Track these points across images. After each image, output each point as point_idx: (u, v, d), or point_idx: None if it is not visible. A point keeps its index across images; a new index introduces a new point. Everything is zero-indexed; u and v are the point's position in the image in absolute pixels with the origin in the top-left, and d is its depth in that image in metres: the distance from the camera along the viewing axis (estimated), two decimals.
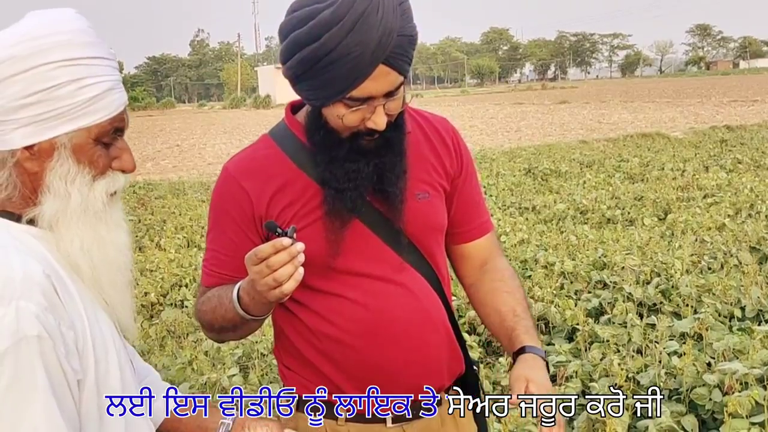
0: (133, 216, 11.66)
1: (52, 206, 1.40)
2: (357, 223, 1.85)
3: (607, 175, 13.66)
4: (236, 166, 1.95)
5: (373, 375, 1.89)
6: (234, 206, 1.90)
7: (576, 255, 7.28)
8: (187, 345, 5.72)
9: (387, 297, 1.87)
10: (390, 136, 1.82)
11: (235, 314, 1.77)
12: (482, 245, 2.10)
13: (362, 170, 1.80)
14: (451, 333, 2.00)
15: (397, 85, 1.74)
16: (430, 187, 1.95)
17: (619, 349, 4.76)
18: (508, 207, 10.94)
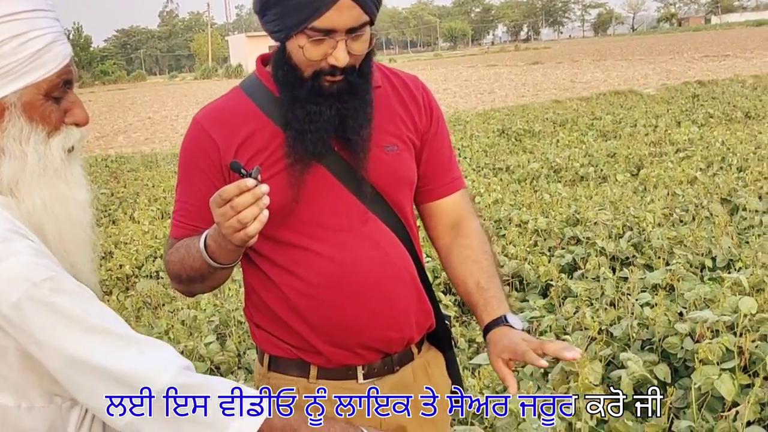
0: (106, 189, 11.62)
1: (9, 169, 1.37)
2: (323, 173, 1.84)
3: (581, 133, 13.71)
4: (205, 117, 1.94)
5: (341, 328, 1.89)
6: (202, 156, 1.89)
7: (549, 213, 7.31)
8: (163, 315, 5.71)
9: (354, 249, 1.86)
10: (354, 82, 1.80)
11: (203, 263, 1.76)
12: (452, 203, 2.09)
13: (324, 113, 1.78)
14: (420, 286, 1.99)
15: (361, 22, 1.73)
16: (399, 140, 1.94)
17: (592, 302, 4.80)
18: (482, 168, 10.95)
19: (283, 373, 1.96)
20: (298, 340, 1.92)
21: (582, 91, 24.10)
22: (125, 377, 1.27)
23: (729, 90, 19.09)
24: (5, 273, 1.25)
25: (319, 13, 1.68)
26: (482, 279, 2.00)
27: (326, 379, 1.93)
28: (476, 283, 2.00)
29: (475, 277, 2.01)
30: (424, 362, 2.05)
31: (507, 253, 5.99)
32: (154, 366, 1.30)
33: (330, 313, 1.87)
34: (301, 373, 1.94)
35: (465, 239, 2.07)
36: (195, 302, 5.85)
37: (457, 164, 2.14)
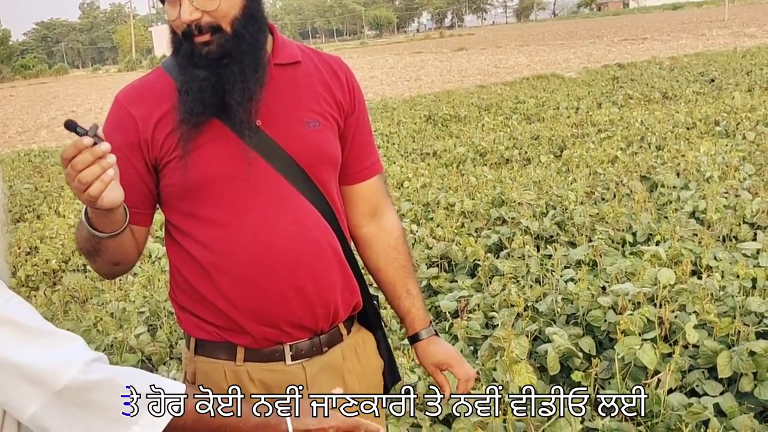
0: (29, 183, 11.36)
1: None
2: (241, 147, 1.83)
3: (505, 117, 13.91)
4: (126, 95, 1.94)
5: (265, 305, 1.88)
6: (121, 132, 1.85)
7: (475, 195, 7.41)
8: (91, 308, 5.64)
9: (275, 224, 1.85)
10: (224, 44, 1.79)
11: (89, 233, 1.74)
12: (372, 187, 2.11)
13: (199, 75, 1.79)
14: (345, 263, 1.99)
15: None
16: (322, 117, 1.93)
17: (518, 280, 4.89)
18: (410, 153, 11.04)
19: (210, 356, 1.94)
20: (223, 320, 1.91)
21: (506, 76, 24.39)
22: (30, 370, 1.25)
23: (647, 72, 19.55)
24: None
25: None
26: (410, 285, 2.14)
27: (254, 361, 1.92)
28: (406, 290, 2.13)
29: (404, 282, 2.13)
30: (354, 343, 2.06)
31: (435, 235, 6.06)
32: (62, 360, 1.27)
33: (253, 289, 1.86)
34: (228, 356, 1.92)
35: (389, 237, 2.13)
36: (124, 294, 5.79)
37: (376, 148, 2.17)
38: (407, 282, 2.14)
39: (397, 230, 2.15)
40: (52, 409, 1.26)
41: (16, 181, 11.83)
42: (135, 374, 1.36)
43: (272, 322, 1.90)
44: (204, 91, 1.79)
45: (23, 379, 1.24)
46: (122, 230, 1.77)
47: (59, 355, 1.27)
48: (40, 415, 1.26)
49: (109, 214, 1.68)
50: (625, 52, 29.73)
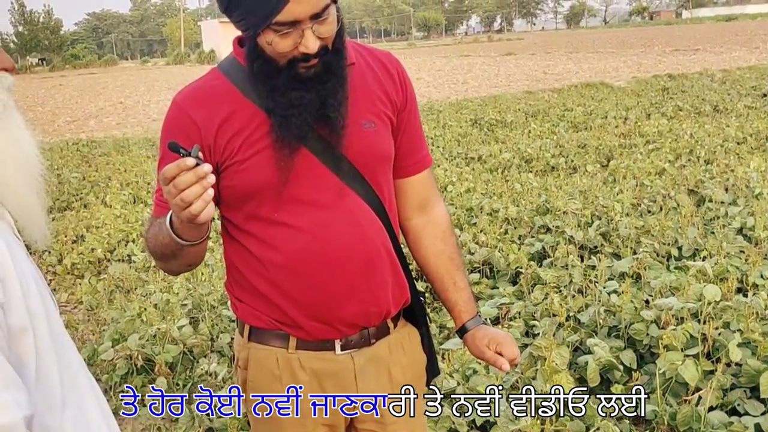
0: (77, 173, 11.52)
1: None
2: (303, 151, 1.86)
3: (552, 124, 13.81)
4: (185, 98, 1.96)
5: (320, 303, 1.94)
6: (182, 137, 1.87)
7: (520, 202, 7.39)
8: (135, 298, 5.73)
9: (332, 224, 1.90)
10: (329, 62, 1.82)
11: (171, 240, 1.78)
12: (421, 181, 2.14)
13: (305, 97, 1.81)
14: (396, 261, 2.04)
15: (322, 6, 1.73)
16: (377, 117, 1.97)
17: (560, 289, 4.88)
18: (454, 157, 11.01)
19: (263, 343, 2.01)
20: (278, 314, 1.97)
21: (554, 82, 24.23)
22: None
23: (698, 84, 19.29)
24: None
25: (279, 8, 1.70)
26: (458, 277, 2.16)
27: (305, 349, 1.99)
28: (453, 282, 2.16)
29: (452, 275, 2.16)
30: (400, 337, 2.11)
31: (478, 240, 6.05)
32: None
33: (309, 287, 1.92)
34: (281, 343, 2.00)
35: (437, 229, 2.16)
36: (168, 286, 5.86)
37: (425, 141, 2.19)
38: (455, 274, 2.17)
39: (445, 222, 2.19)
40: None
41: (64, 169, 11.98)
42: None
43: (325, 319, 1.96)
44: (309, 113, 1.82)
45: None
46: (206, 238, 1.82)
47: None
48: None
49: (199, 226, 1.72)
50: (676, 63, 29.38)
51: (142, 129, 18.98)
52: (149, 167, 11.54)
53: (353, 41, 2.01)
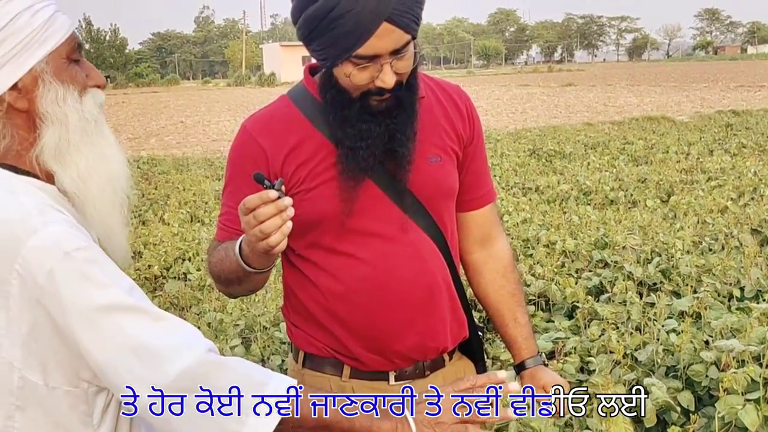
0: (137, 190, 11.67)
1: (53, 135, 1.44)
2: (368, 183, 1.87)
3: (612, 157, 13.66)
4: (254, 124, 1.99)
5: (377, 334, 1.94)
6: (250, 163, 1.92)
7: (578, 234, 7.29)
8: (190, 317, 5.77)
9: (394, 257, 1.90)
10: (402, 97, 1.83)
11: (238, 266, 1.79)
12: (484, 215, 2.14)
13: (374, 130, 1.82)
14: (455, 296, 2.04)
15: (403, 43, 1.76)
16: (443, 151, 1.97)
17: (618, 326, 4.79)
18: (511, 187, 10.95)
19: (317, 370, 2.02)
20: (334, 343, 1.97)
21: (614, 114, 24.02)
22: (150, 352, 1.31)
23: (763, 121, 18.94)
24: (40, 243, 1.30)
25: (361, 42, 1.72)
26: (519, 313, 2.15)
27: (358, 379, 1.99)
28: (514, 318, 2.15)
29: (512, 311, 2.15)
30: (455, 370, 2.10)
31: (534, 272, 5.99)
32: (180, 344, 1.34)
33: (367, 318, 1.93)
34: (335, 371, 2.00)
35: (498, 264, 2.16)
36: (221, 305, 5.90)
37: (490, 176, 2.19)
38: (515, 310, 2.15)
39: (507, 258, 2.18)
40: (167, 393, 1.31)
41: None
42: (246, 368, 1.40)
43: (381, 350, 1.97)
44: (377, 146, 1.83)
45: (141, 359, 1.31)
46: (273, 265, 1.83)
47: (179, 339, 1.34)
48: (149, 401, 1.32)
49: (270, 256, 1.72)
50: (740, 99, 28.93)
51: (202, 149, 19.23)
52: (207, 187, 11.68)
53: (423, 73, 2.00)
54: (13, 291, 1.31)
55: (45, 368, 1.35)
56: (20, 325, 1.32)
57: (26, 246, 1.29)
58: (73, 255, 1.30)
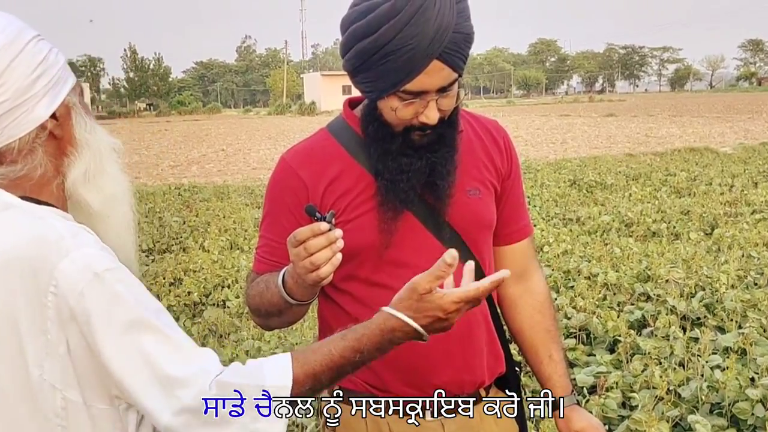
0: (178, 217, 11.80)
1: (85, 160, 1.54)
2: (407, 215, 1.88)
3: (654, 188, 13.52)
4: (294, 157, 2.00)
5: (414, 367, 1.93)
6: (290, 195, 1.95)
7: (620, 267, 7.20)
8: (228, 344, 5.78)
9: None
10: (443, 132, 1.85)
11: (280, 298, 1.79)
12: (521, 250, 2.14)
13: (414, 164, 1.83)
14: (493, 330, 2.04)
15: (450, 81, 1.78)
16: (481, 184, 1.99)
17: (660, 361, 4.72)
18: (552, 218, 10.87)
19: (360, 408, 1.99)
20: (370, 377, 1.96)
21: (656, 146, 23.81)
22: (169, 379, 1.35)
23: None
24: (72, 265, 1.35)
25: (411, 77, 1.74)
26: (554, 350, 2.13)
27: (396, 415, 1.96)
28: (549, 355, 2.13)
29: (547, 347, 2.13)
30: (494, 404, 2.03)
31: (575, 305, 5.92)
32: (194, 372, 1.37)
33: (404, 351, 1.84)
34: (372, 408, 1.96)
35: (534, 300, 2.14)
36: (259, 333, 5.90)
37: (527, 210, 2.19)
38: (550, 347, 2.13)
39: (543, 293, 2.17)
40: (183, 419, 1.35)
41: (165, 213, 12.29)
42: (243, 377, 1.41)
43: (418, 384, 1.95)
44: (417, 179, 1.85)
45: (163, 386, 1.35)
46: (315, 298, 1.84)
47: (195, 367, 1.38)
48: (172, 426, 1.36)
49: (315, 288, 1.73)
50: None
51: (242, 177, 19.36)
52: (247, 214, 11.74)
53: (463, 110, 2.04)
54: (50, 314, 1.35)
55: (82, 387, 1.39)
56: (58, 346, 1.36)
57: (58, 268, 1.34)
58: (102, 276, 1.36)
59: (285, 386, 1.40)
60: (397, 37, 1.70)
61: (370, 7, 1.74)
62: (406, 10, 1.69)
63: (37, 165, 1.49)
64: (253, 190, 15.17)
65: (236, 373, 1.40)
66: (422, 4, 1.69)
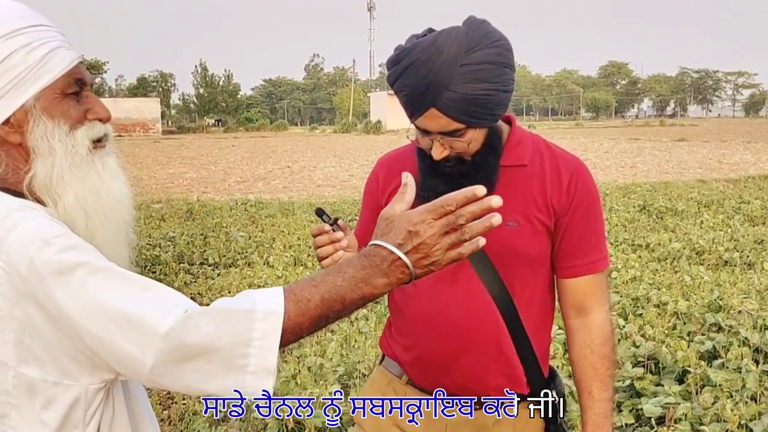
0: (244, 232, 11.90)
1: (42, 167, 1.48)
2: None
3: (726, 216, 13.19)
4: (381, 159, 2.36)
5: (428, 361, 2.18)
6: (369, 192, 2.35)
7: (690, 296, 7.03)
8: (291, 359, 5.78)
9: (445, 299, 2.12)
10: (480, 162, 2.02)
11: None
12: (580, 286, 2.18)
13: (439, 187, 1.95)
14: (507, 351, 2.13)
15: (451, 129, 1.93)
16: (523, 217, 2.09)
17: (732, 394, 4.57)
18: (620, 243, 10.67)
19: (386, 368, 2.35)
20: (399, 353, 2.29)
21: (729, 172, 23.29)
22: (140, 319, 1.29)
23: None
24: (19, 236, 1.33)
25: (416, 116, 1.96)
26: (595, 387, 2.18)
27: (413, 386, 2.28)
28: (588, 391, 2.19)
29: (588, 383, 2.19)
30: (513, 418, 2.19)
31: (644, 333, 5.79)
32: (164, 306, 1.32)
33: (416, 343, 2.21)
34: (397, 373, 2.31)
35: (587, 335, 2.19)
36: (322, 350, 5.90)
37: (598, 247, 2.20)
38: (592, 383, 2.18)
39: (599, 330, 2.19)
40: (167, 356, 1.29)
41: (231, 228, 12.41)
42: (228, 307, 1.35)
43: (433, 377, 2.20)
44: None
45: (135, 329, 1.29)
46: None
47: (162, 302, 1.33)
48: (158, 366, 1.30)
49: None
50: None
51: (307, 194, 19.46)
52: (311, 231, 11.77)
53: (544, 140, 2.20)
54: (0, 290, 1.32)
55: (43, 363, 1.36)
56: (11, 323, 1.33)
57: (7, 243, 1.33)
58: (52, 241, 1.32)
59: (277, 312, 1.33)
60: (396, 82, 1.95)
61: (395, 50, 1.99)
62: (403, 62, 1.92)
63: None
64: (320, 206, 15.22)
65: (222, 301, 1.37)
66: (415, 60, 1.88)
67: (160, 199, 17.54)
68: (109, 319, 1.29)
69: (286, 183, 23.36)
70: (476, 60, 1.87)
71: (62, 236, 1.35)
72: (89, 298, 1.30)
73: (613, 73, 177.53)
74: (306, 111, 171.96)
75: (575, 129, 78.06)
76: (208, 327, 1.30)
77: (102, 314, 1.29)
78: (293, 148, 45.93)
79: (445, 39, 1.87)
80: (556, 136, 52.72)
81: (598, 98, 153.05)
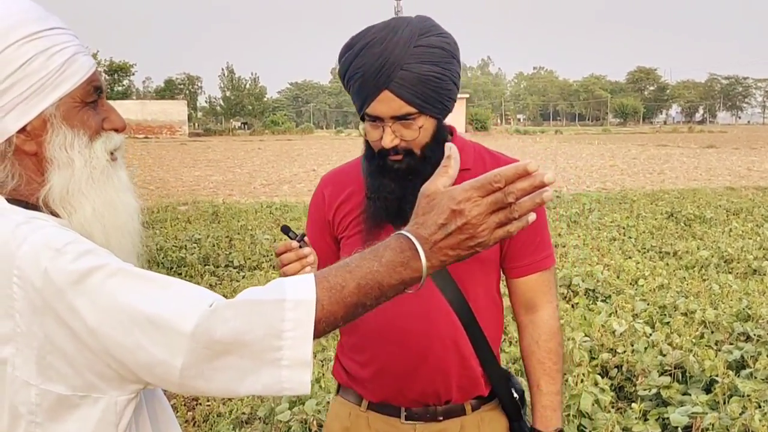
0: (269, 234, 11.93)
1: (59, 179, 1.43)
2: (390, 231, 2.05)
3: (756, 224, 13.04)
4: (326, 176, 2.38)
5: (384, 371, 2.17)
6: (315, 209, 2.34)
7: (719, 304, 6.96)
8: (315, 363, 5.78)
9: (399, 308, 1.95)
10: (416, 166, 2.03)
11: None
12: (527, 284, 2.24)
13: (388, 186, 2.06)
14: (468, 355, 2.16)
15: (403, 113, 1.99)
16: None
17: (760, 404, 4.51)
18: (647, 250, 10.60)
19: (344, 398, 2.33)
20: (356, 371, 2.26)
21: (759, 180, 23.05)
22: (163, 320, 1.24)
23: None
24: (29, 248, 1.27)
25: (367, 103, 2.00)
26: (543, 381, 2.23)
27: (374, 411, 2.25)
28: (537, 385, 2.24)
29: (536, 377, 2.24)
30: (478, 419, 2.23)
31: (671, 342, 5.73)
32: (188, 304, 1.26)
33: (380, 357, 2.18)
34: (356, 401, 2.29)
35: (535, 331, 2.25)
36: None
37: (544, 245, 2.25)
38: (539, 378, 2.23)
39: (546, 327, 2.25)
40: (197, 355, 1.24)
41: (257, 230, 12.43)
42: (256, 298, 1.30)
43: (390, 386, 2.19)
44: (390, 201, 2.07)
45: (160, 330, 1.24)
46: None
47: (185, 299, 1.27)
48: (188, 368, 1.25)
49: None
50: None
51: None
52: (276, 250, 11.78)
53: (485, 148, 2.26)
54: (17, 306, 1.27)
55: (66, 378, 1.30)
56: (31, 340, 1.28)
57: (18, 256, 1.27)
58: (64, 249, 1.27)
59: (309, 300, 1.27)
60: (350, 66, 2.01)
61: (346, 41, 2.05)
62: (358, 44, 2.00)
63: (8, 175, 1.42)
64: None
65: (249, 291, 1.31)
66: (369, 41, 1.97)
67: (186, 201, 17.65)
68: (133, 322, 1.24)
69: (312, 186, 23.33)
70: (428, 44, 1.97)
71: (74, 242, 1.30)
72: (109, 301, 1.25)
73: (641, 79, 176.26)
74: (332, 114, 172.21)
75: (603, 135, 77.64)
76: (236, 321, 1.24)
77: (124, 317, 1.24)
78: (319, 151, 46.00)
79: (400, 22, 1.99)
80: (584, 141, 52.49)
81: (626, 104, 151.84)
